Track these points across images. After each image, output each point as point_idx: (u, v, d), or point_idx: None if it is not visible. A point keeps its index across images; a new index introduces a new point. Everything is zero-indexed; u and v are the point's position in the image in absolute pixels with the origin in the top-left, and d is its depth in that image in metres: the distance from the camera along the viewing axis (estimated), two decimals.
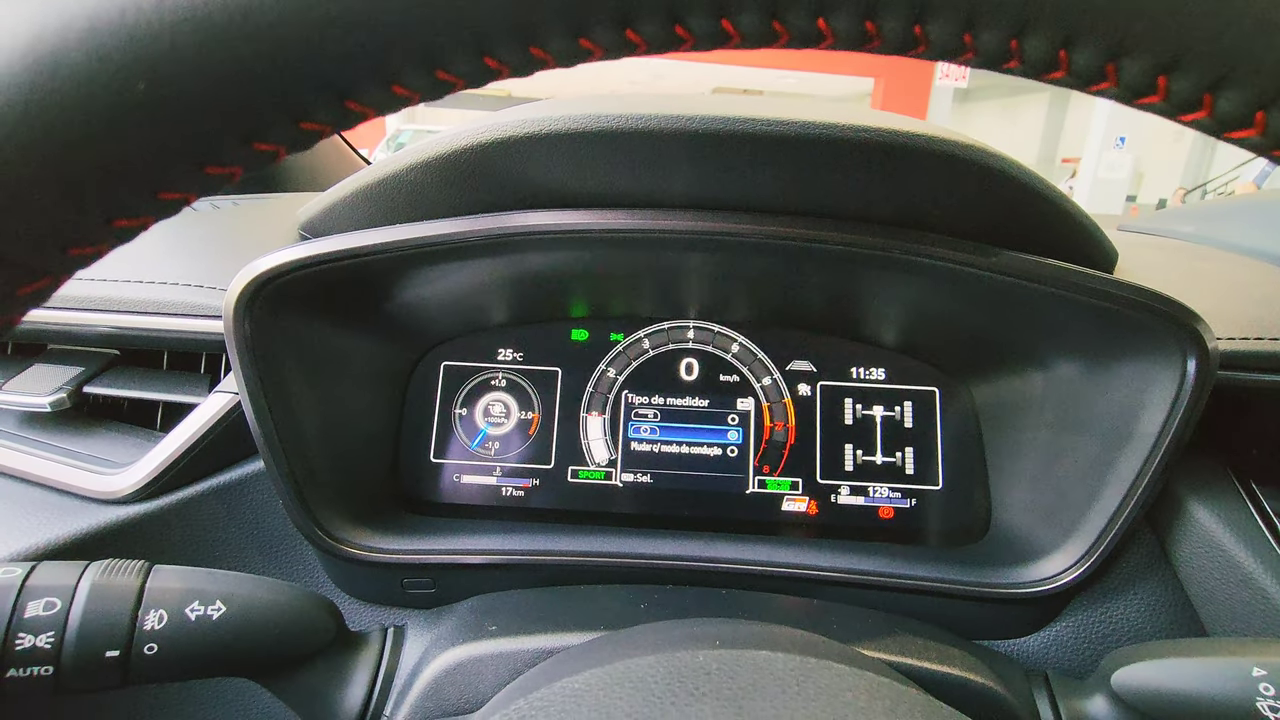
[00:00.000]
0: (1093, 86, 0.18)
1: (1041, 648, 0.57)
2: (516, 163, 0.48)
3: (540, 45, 0.18)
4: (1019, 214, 0.49)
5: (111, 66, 0.16)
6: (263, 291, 0.49)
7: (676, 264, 0.57)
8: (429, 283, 0.57)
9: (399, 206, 0.52)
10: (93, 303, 0.58)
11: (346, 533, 0.54)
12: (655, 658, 0.31)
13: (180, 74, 0.16)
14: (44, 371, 0.61)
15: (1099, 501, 0.53)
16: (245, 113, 0.18)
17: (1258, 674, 0.37)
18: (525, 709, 0.30)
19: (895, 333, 0.63)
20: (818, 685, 0.29)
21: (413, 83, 0.19)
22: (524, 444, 0.64)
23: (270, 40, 0.17)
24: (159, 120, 0.17)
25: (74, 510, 0.55)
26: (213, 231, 0.73)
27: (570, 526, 0.59)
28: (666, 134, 0.45)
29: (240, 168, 0.19)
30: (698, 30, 0.18)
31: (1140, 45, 0.17)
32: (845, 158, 0.45)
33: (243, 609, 0.39)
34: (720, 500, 0.63)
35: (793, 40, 0.19)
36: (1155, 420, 0.50)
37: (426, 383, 0.64)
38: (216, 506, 0.57)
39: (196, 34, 0.16)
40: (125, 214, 0.19)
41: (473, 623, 0.48)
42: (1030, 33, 0.17)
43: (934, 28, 0.18)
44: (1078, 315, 0.52)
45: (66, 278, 0.20)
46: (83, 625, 0.35)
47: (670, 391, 0.64)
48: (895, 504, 0.62)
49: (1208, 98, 0.17)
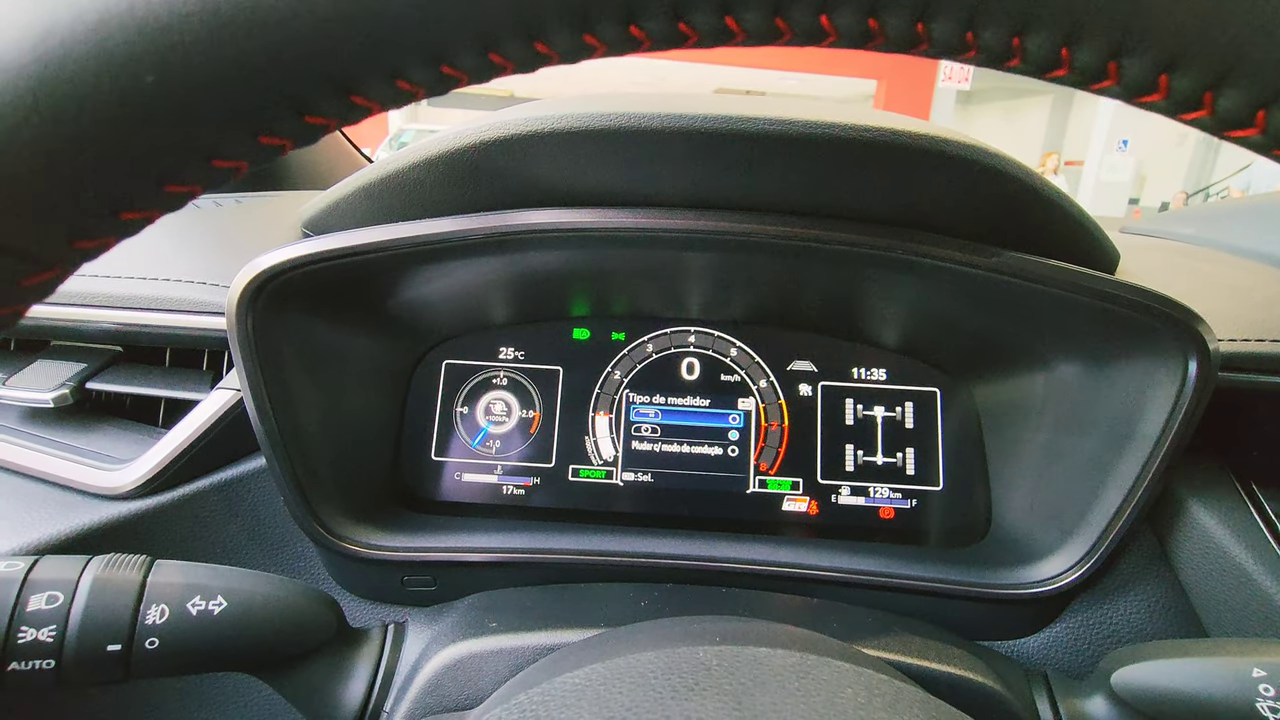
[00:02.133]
0: (1094, 85, 0.18)
1: (1041, 648, 0.57)
2: (518, 161, 0.48)
3: (545, 41, 0.18)
4: (1020, 214, 0.49)
5: (120, 59, 0.16)
6: (265, 289, 0.50)
7: (677, 263, 0.58)
8: (431, 281, 0.57)
9: (401, 204, 0.52)
10: (96, 299, 0.58)
11: (347, 530, 0.54)
12: (655, 653, 0.31)
13: (189, 67, 0.16)
14: (47, 367, 0.61)
15: (1099, 502, 0.53)
16: (252, 106, 0.18)
17: (1258, 675, 0.37)
18: (525, 704, 0.30)
19: (896, 333, 0.63)
20: (817, 681, 0.29)
21: (418, 77, 0.19)
22: (525, 443, 0.64)
23: (277, 34, 0.17)
24: (167, 113, 0.17)
25: (76, 506, 0.55)
26: (216, 228, 0.73)
27: (571, 525, 0.59)
28: (667, 133, 0.45)
29: (246, 161, 0.19)
30: (701, 27, 0.19)
31: (1142, 43, 0.17)
32: (846, 157, 0.45)
33: (244, 604, 0.39)
34: (721, 500, 0.63)
35: (796, 37, 0.19)
36: (1156, 421, 0.50)
37: (428, 381, 0.64)
38: (218, 503, 0.58)
39: (205, 27, 0.16)
40: (132, 207, 0.19)
41: (473, 619, 0.48)
42: (1032, 30, 0.17)
43: (936, 25, 0.18)
44: (1079, 316, 0.52)
45: (72, 270, 0.20)
46: (84, 619, 0.35)
47: (671, 390, 0.64)
48: (896, 504, 0.62)
49: (1208, 96, 0.17)
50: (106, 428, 0.61)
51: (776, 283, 0.60)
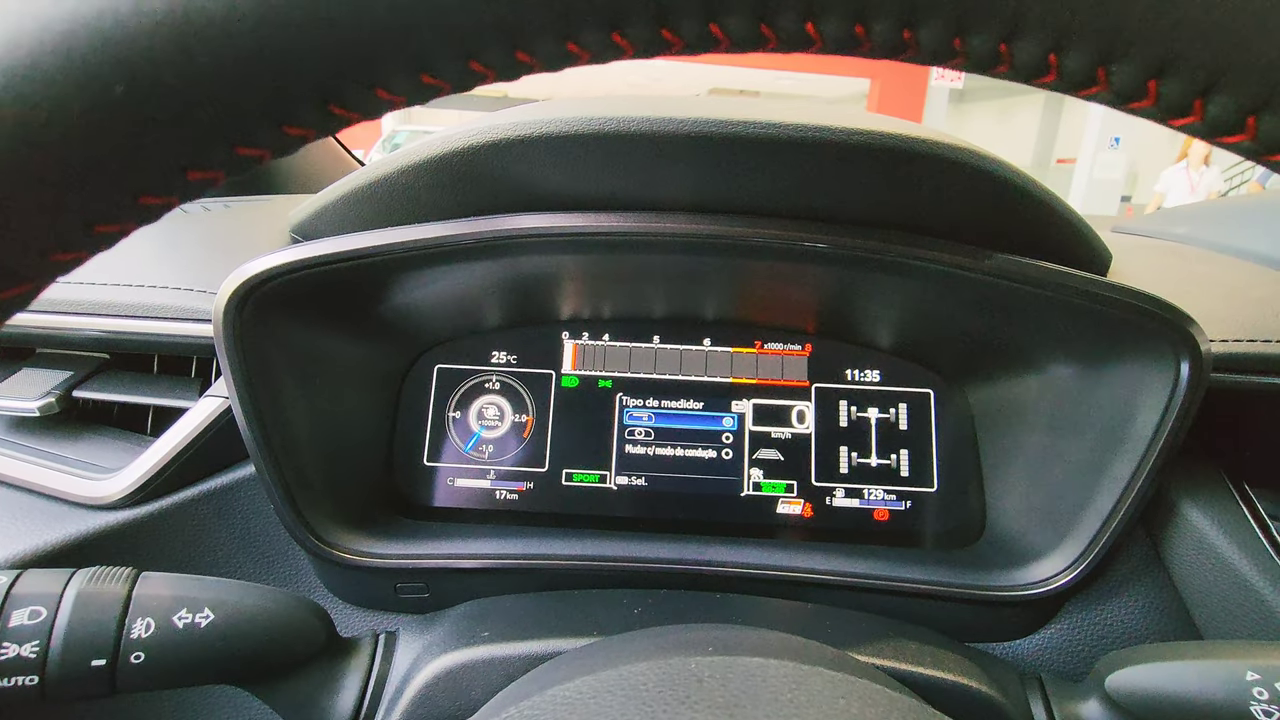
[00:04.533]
0: (1083, 91, 0.18)
1: (1036, 650, 0.57)
2: (509, 165, 0.48)
3: (526, 49, 0.18)
4: (1012, 216, 0.49)
5: (89, 70, 0.16)
6: (253, 295, 0.49)
7: (669, 266, 0.57)
8: (421, 286, 0.57)
9: (391, 209, 0.52)
10: (82, 306, 0.57)
11: (339, 537, 0.54)
12: (647, 665, 0.31)
13: (159, 77, 0.16)
14: (32, 375, 0.60)
15: (1093, 504, 0.53)
16: (227, 116, 0.17)
17: (1252, 677, 0.37)
18: (516, 716, 0.29)
19: (890, 335, 0.63)
20: (810, 692, 0.29)
21: (398, 86, 0.18)
22: (518, 447, 0.63)
23: (251, 43, 0.16)
24: (138, 124, 0.16)
25: (63, 516, 0.55)
26: (204, 234, 0.73)
27: (564, 530, 0.59)
28: (659, 137, 0.44)
29: (223, 172, 0.19)
30: (685, 34, 0.18)
31: (1130, 50, 0.16)
32: (839, 161, 0.45)
33: (231, 616, 0.38)
34: (715, 503, 0.63)
35: (781, 44, 0.19)
36: (1149, 423, 0.50)
37: (420, 386, 0.64)
38: (208, 511, 0.57)
39: (175, 35, 0.16)
40: (106, 219, 0.18)
41: (465, 628, 0.47)
42: (1020, 37, 0.17)
43: (923, 32, 0.18)
44: (1071, 318, 0.52)
45: (47, 284, 0.19)
46: (68, 634, 0.34)
47: (664, 394, 0.64)
48: (890, 506, 0.62)
49: (1198, 103, 0.17)
50: (94, 436, 0.60)
51: (768, 285, 0.60)
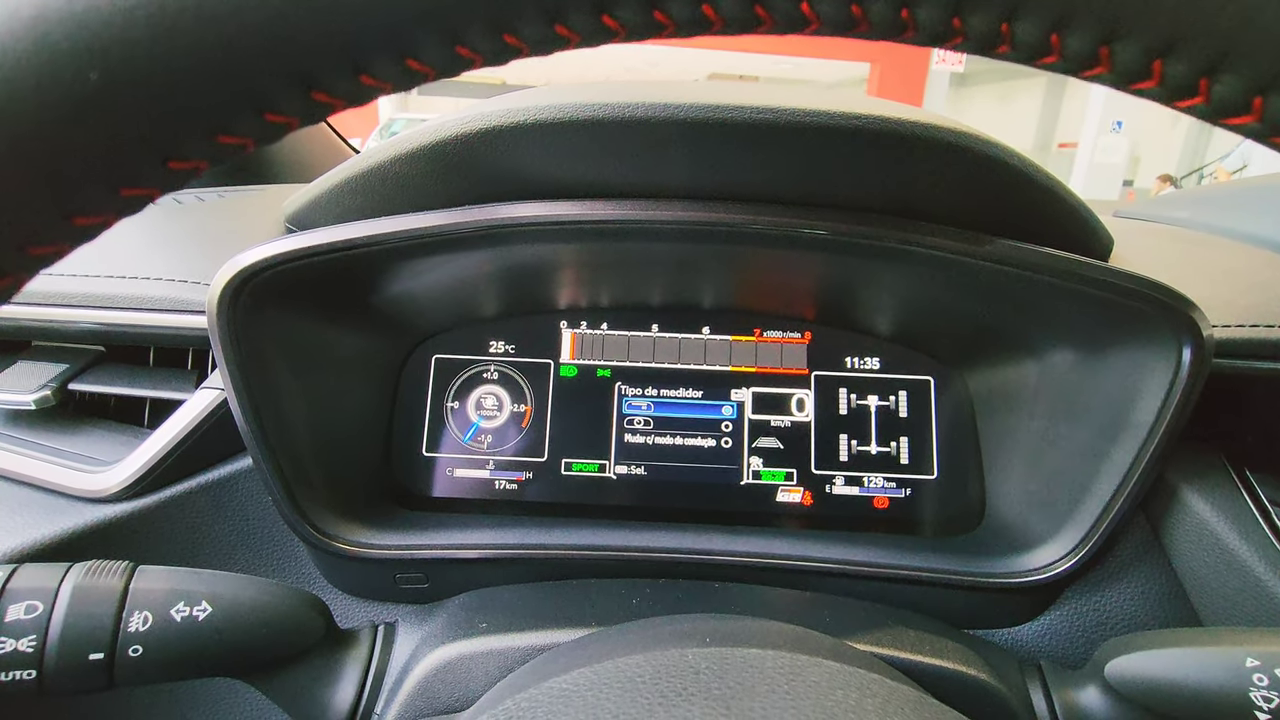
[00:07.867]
0: (1086, 72, 0.18)
1: (1035, 637, 0.57)
2: (504, 153, 0.47)
3: (514, 32, 0.18)
4: (1013, 201, 0.48)
5: (61, 57, 0.15)
6: (247, 286, 0.49)
7: (667, 254, 0.57)
8: (417, 275, 0.56)
9: (385, 198, 0.51)
10: (77, 299, 0.57)
11: (337, 528, 0.54)
12: (644, 656, 0.31)
13: (134, 63, 0.16)
14: (28, 368, 0.60)
15: (1093, 490, 0.53)
16: (206, 104, 0.17)
17: (1251, 664, 0.37)
18: (513, 709, 0.29)
19: (889, 322, 0.63)
20: (807, 683, 0.29)
21: (382, 72, 0.18)
22: (517, 437, 0.63)
23: (229, 27, 0.16)
24: (114, 112, 0.16)
25: (60, 509, 0.54)
26: (197, 224, 0.72)
27: (564, 520, 0.59)
28: (656, 123, 0.44)
29: (205, 161, 0.19)
30: (677, 15, 0.18)
31: (1134, 29, 0.16)
32: (839, 146, 0.44)
33: (229, 609, 0.38)
34: (714, 492, 0.63)
35: (776, 25, 0.18)
36: (1150, 409, 0.49)
37: (418, 376, 0.64)
38: (205, 504, 0.57)
39: (149, 20, 0.15)
40: (85, 211, 0.18)
41: (463, 620, 0.47)
42: (1021, 16, 0.17)
43: (922, 11, 0.17)
44: (1072, 303, 0.51)
45: (28, 277, 0.19)
46: (65, 628, 0.34)
47: (663, 383, 0.64)
48: (890, 494, 0.62)
49: (1204, 83, 0.17)
50: (90, 429, 0.60)
51: (767, 272, 0.59)
